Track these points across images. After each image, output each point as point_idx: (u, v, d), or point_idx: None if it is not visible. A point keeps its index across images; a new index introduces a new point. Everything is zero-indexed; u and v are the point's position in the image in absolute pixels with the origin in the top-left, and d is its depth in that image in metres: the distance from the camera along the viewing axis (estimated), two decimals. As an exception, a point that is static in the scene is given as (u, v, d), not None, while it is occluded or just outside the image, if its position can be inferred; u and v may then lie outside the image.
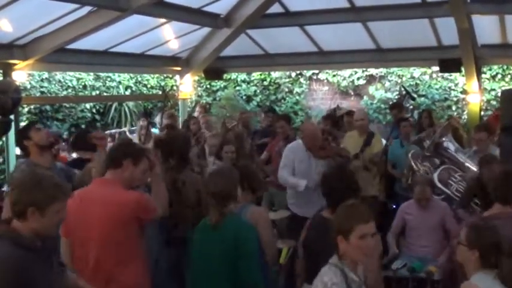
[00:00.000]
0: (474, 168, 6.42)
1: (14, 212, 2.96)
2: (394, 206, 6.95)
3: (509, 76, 13.36)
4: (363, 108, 8.81)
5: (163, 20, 9.87)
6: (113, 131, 11.46)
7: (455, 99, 13.91)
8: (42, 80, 13.35)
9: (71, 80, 13.96)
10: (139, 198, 3.92)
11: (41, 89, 13.30)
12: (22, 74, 9.11)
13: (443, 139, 6.82)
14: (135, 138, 9.43)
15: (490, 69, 13.38)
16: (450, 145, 6.79)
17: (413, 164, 7.27)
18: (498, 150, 6.81)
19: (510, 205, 4.25)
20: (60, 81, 13.77)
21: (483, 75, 12.56)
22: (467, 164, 6.56)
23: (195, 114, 12.00)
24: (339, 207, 3.37)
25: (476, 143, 6.76)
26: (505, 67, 13.30)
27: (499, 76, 13.40)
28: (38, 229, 2.97)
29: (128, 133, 11.05)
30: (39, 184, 2.95)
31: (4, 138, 8.64)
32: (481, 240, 3.31)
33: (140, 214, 3.88)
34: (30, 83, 12.79)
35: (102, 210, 3.77)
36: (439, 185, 6.53)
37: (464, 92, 12.85)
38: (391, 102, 14.08)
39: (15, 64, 8.75)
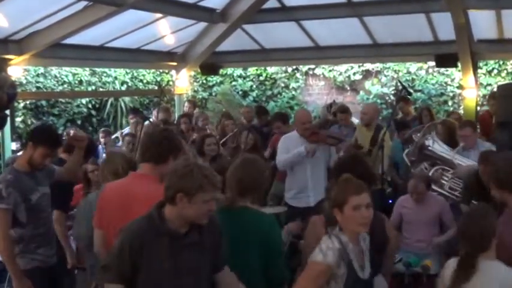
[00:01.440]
0: (464, 163, 6.40)
1: (165, 196, 3.20)
2: (391, 201, 6.93)
3: (505, 71, 13.37)
4: (373, 103, 8.68)
5: (159, 15, 9.86)
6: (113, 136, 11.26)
7: (451, 94, 13.91)
8: (37, 75, 13.30)
9: (66, 75, 13.92)
10: None
11: (37, 84, 13.26)
12: (18, 69, 9.09)
13: (426, 139, 6.78)
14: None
15: (486, 64, 13.38)
16: (435, 144, 6.76)
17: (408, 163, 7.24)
18: (487, 145, 6.80)
19: None
20: (55, 76, 13.72)
21: (479, 70, 12.57)
22: (456, 161, 6.52)
23: (185, 109, 11.98)
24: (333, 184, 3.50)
25: (462, 140, 6.75)
26: (501, 62, 13.29)
27: (495, 71, 13.40)
28: (186, 215, 3.18)
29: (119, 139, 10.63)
30: (191, 172, 3.15)
31: (0, 134, 8.62)
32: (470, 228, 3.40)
33: None
34: (25, 78, 12.74)
35: (144, 205, 3.68)
36: (433, 186, 6.51)
37: (460, 87, 12.84)
38: (387, 98, 14.13)
39: (10, 59, 8.73)
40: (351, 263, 3.25)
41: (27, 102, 13.00)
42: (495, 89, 9.46)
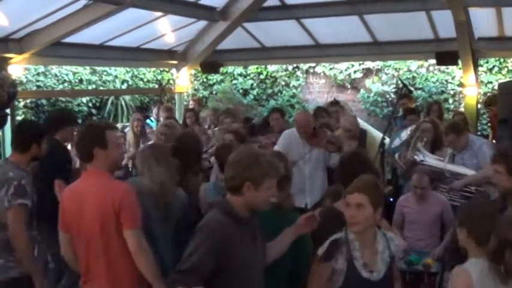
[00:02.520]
0: (459, 171, 6.34)
1: (230, 186, 3.28)
2: (392, 200, 6.92)
3: (506, 69, 13.38)
4: (351, 115, 8.56)
5: (159, 14, 9.84)
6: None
7: (452, 92, 13.92)
8: (38, 74, 13.32)
9: (67, 74, 13.94)
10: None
11: (37, 83, 13.28)
12: (18, 68, 9.07)
13: (415, 154, 6.68)
14: (128, 133, 9.37)
15: (487, 62, 13.40)
16: (426, 158, 6.67)
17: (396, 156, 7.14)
18: (478, 143, 6.68)
19: None
20: (56, 75, 13.74)
21: (480, 68, 12.58)
22: (448, 173, 6.45)
23: (190, 107, 12.01)
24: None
25: (449, 146, 6.71)
26: (501, 60, 13.32)
27: (496, 69, 13.42)
28: (252, 203, 3.27)
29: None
30: (257, 161, 3.24)
31: (0, 133, 8.61)
32: (469, 218, 3.26)
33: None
34: (26, 77, 12.75)
35: (93, 203, 3.69)
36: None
37: (461, 85, 12.84)
38: (387, 96, 14.12)
39: (10, 58, 8.71)
40: (351, 261, 3.22)
41: (28, 101, 13.02)
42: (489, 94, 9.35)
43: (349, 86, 14.99)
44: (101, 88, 14.67)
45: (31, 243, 4.51)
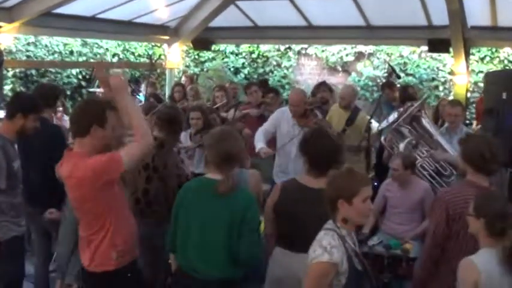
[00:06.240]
0: (445, 146, 6.39)
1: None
2: (376, 184, 6.94)
3: (497, 59, 13.41)
4: (351, 85, 8.63)
5: (152, -12, 9.80)
6: (98, 90, 11.12)
7: (442, 79, 13.95)
8: (28, 44, 13.22)
9: (57, 45, 13.84)
10: (94, 164, 3.53)
11: (27, 53, 13.18)
12: (8, 36, 9.02)
13: (421, 114, 6.77)
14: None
15: (479, 51, 13.41)
16: (426, 121, 6.74)
17: (382, 138, 7.17)
18: (465, 129, 6.78)
19: None
20: (46, 46, 13.64)
21: (472, 57, 12.59)
22: (438, 140, 6.51)
23: (182, 82, 11.94)
24: (337, 174, 3.39)
25: (452, 119, 6.70)
26: (494, 49, 13.32)
27: (488, 58, 13.44)
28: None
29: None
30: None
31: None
32: (486, 208, 3.39)
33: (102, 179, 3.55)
34: (15, 47, 12.66)
35: (68, 185, 3.65)
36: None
37: (452, 72, 12.87)
38: (378, 80, 14.13)
39: (0, 26, 8.64)
40: (350, 258, 3.20)
41: (17, 70, 12.92)
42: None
43: (340, 69, 14.99)
44: (92, 60, 14.57)
45: (12, 209, 4.55)
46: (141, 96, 10.32)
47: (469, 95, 11.69)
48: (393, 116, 6.96)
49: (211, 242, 3.70)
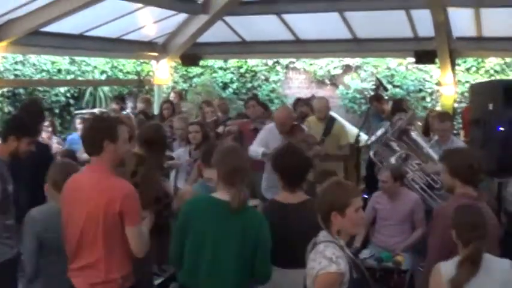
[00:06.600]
0: (436, 159, 6.42)
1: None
2: (365, 196, 6.96)
3: (483, 69, 13.53)
4: (324, 97, 8.70)
5: (140, 5, 9.78)
6: (84, 111, 11.19)
7: (429, 90, 14.05)
8: (16, 63, 13.20)
9: (45, 64, 13.83)
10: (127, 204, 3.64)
11: (15, 72, 13.16)
12: (-5, 56, 9.00)
13: (411, 127, 6.83)
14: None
15: (465, 62, 13.53)
16: (417, 136, 6.80)
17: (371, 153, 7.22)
18: (460, 143, 6.86)
19: None
20: (34, 64, 13.62)
21: (458, 68, 12.67)
22: (429, 153, 6.56)
23: (170, 99, 11.93)
24: (326, 187, 3.42)
25: (442, 133, 6.76)
26: (479, 60, 13.46)
27: (474, 69, 13.56)
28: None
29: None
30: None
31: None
32: (457, 219, 3.54)
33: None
34: (3, 66, 12.61)
35: (86, 199, 3.64)
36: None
37: (438, 83, 12.95)
38: (366, 93, 14.20)
39: (-13, 46, 8.64)
40: (351, 267, 3.23)
41: (5, 90, 12.88)
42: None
43: (328, 82, 15.06)
44: (80, 78, 14.56)
45: (6, 231, 4.51)
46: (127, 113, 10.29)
47: (456, 105, 11.77)
48: (381, 130, 7.01)
49: (224, 260, 3.70)
